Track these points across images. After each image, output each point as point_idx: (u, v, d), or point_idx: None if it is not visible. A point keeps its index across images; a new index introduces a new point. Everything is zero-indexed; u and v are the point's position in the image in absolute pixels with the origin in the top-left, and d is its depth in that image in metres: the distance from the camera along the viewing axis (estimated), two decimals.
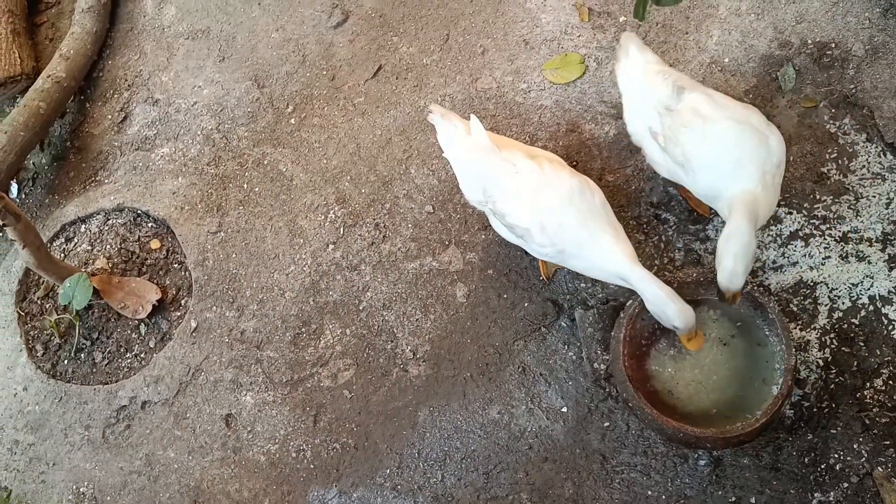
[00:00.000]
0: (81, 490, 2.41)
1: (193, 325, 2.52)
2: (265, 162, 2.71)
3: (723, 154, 1.91)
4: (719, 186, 1.94)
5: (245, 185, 2.69)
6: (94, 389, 2.51)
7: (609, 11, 2.60)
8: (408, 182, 2.55)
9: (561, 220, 1.94)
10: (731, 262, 1.83)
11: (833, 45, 2.40)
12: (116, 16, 3.10)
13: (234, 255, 2.59)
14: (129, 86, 2.98)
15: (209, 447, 2.39)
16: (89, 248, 2.73)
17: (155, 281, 2.63)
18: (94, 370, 2.56)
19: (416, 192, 2.53)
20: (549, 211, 1.94)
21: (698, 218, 2.30)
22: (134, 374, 2.52)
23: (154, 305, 2.57)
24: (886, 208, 2.20)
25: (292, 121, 2.75)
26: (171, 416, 2.44)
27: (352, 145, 2.65)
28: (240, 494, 2.32)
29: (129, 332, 2.59)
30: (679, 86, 1.98)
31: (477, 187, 2.09)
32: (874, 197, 2.22)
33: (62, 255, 2.72)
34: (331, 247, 2.53)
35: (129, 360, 2.57)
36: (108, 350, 2.58)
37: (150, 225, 2.73)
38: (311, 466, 2.31)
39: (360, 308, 2.44)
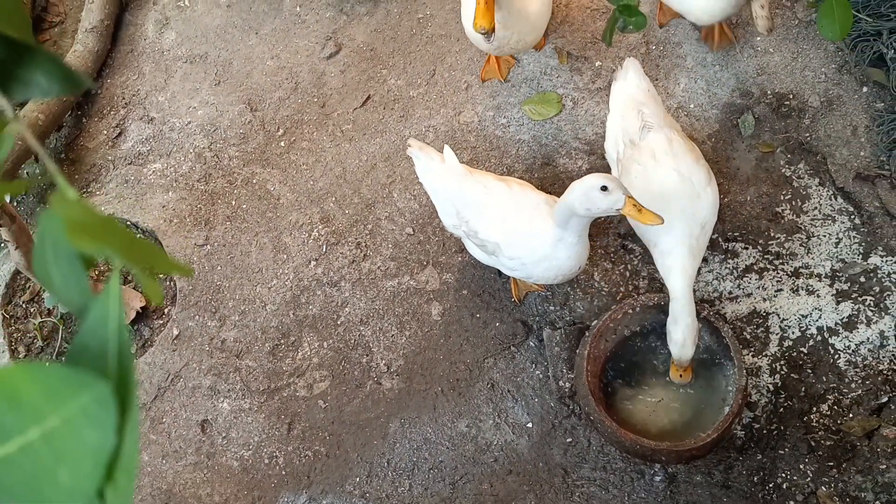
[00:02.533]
0: None
1: (175, 332, 2.61)
2: (254, 181, 2.83)
3: (657, 201, 2.06)
4: (653, 233, 2.10)
5: (233, 202, 2.80)
6: None
7: (586, 56, 2.78)
8: (390, 205, 2.68)
9: (528, 231, 2.08)
10: (681, 335, 2.03)
11: (791, 97, 2.59)
12: (118, 38, 3.23)
13: (218, 268, 2.69)
14: (125, 104, 3.10)
15: (183, 452, 2.45)
16: None
17: (139, 290, 2.72)
18: None
19: (397, 214, 2.66)
20: (518, 223, 2.08)
21: None
22: None
23: (137, 312, 2.65)
24: (835, 247, 2.37)
25: (282, 143, 2.88)
26: (148, 421, 2.51)
27: (338, 169, 2.78)
28: (211, 499, 2.38)
29: None
30: (648, 124, 2.14)
31: (451, 211, 2.22)
32: (824, 236, 2.39)
33: None
34: (313, 263, 2.64)
35: None
36: None
37: (138, 236, 2.83)
38: (283, 473, 2.38)
39: (339, 322, 2.54)
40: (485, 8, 2.14)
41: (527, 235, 2.08)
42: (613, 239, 2.49)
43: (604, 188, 1.89)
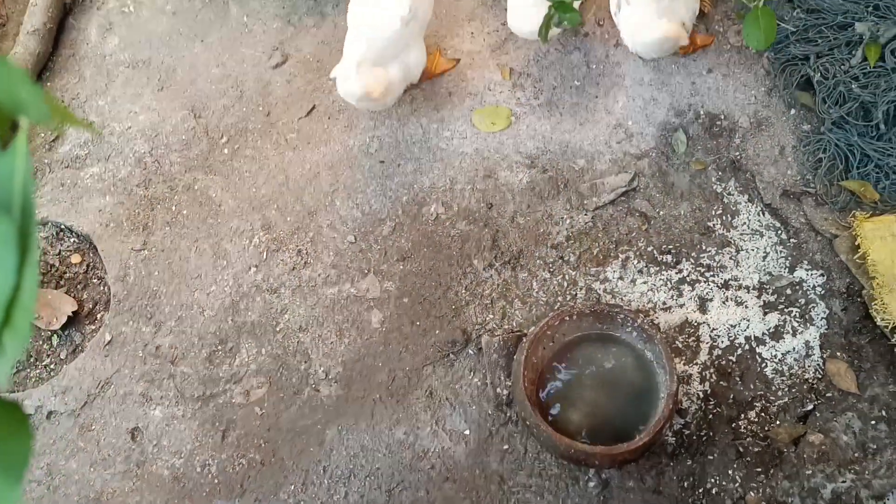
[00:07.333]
0: None
1: (108, 338, 2.55)
2: (195, 187, 2.80)
3: None
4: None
5: (173, 208, 2.77)
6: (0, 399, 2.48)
7: (529, 72, 2.84)
8: (332, 213, 2.68)
9: None
10: None
11: (722, 117, 2.69)
12: (60, 41, 3.18)
13: (156, 273, 2.64)
14: (65, 107, 3.04)
15: (112, 460, 2.39)
16: None
17: (72, 294, 2.65)
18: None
19: (339, 222, 2.66)
20: None
21: (600, 261, 2.50)
22: (42, 384, 2.51)
23: (69, 317, 2.58)
24: (763, 261, 2.46)
25: (225, 150, 2.86)
26: (76, 428, 2.43)
27: (281, 176, 2.78)
28: None
29: (40, 342, 2.59)
30: None
31: None
32: (753, 250, 2.48)
33: None
34: (253, 270, 2.62)
35: (38, 371, 2.56)
36: (17, 360, 2.57)
37: (72, 240, 2.77)
38: (216, 481, 2.33)
39: (277, 329, 2.52)
40: None
41: None
42: (551, 250, 2.53)
43: None
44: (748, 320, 2.36)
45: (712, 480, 2.17)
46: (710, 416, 2.24)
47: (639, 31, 2.53)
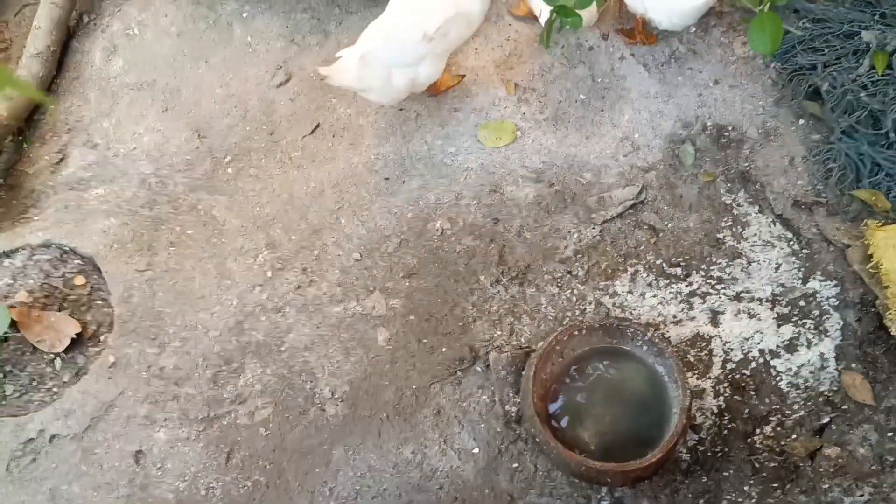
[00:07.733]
0: None
1: (111, 360, 2.52)
2: (199, 207, 2.78)
3: None
4: None
5: (178, 228, 2.75)
6: (2, 422, 2.45)
7: (534, 87, 2.83)
8: (337, 231, 2.66)
9: None
10: None
11: (731, 128, 2.67)
12: (64, 64, 3.19)
13: (160, 294, 2.62)
14: (69, 129, 3.04)
15: (115, 483, 2.35)
16: (11, 281, 2.71)
17: (76, 317, 2.63)
18: (5, 403, 2.51)
19: (344, 240, 2.64)
20: None
21: (608, 274, 2.47)
22: (45, 407, 2.48)
23: (72, 340, 2.56)
24: (775, 272, 2.42)
25: (229, 170, 2.85)
26: (80, 451, 2.40)
27: (285, 195, 2.76)
28: None
29: (43, 365, 2.57)
30: None
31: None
32: (764, 262, 2.44)
33: None
34: (257, 289, 2.59)
35: (41, 394, 2.53)
36: (20, 383, 2.54)
37: (76, 262, 2.75)
38: None
39: (283, 349, 2.49)
40: None
41: None
42: (559, 264, 2.50)
43: None
44: (762, 333, 2.32)
45: (728, 497, 2.11)
46: (725, 431, 2.19)
47: (673, 2, 2.53)
